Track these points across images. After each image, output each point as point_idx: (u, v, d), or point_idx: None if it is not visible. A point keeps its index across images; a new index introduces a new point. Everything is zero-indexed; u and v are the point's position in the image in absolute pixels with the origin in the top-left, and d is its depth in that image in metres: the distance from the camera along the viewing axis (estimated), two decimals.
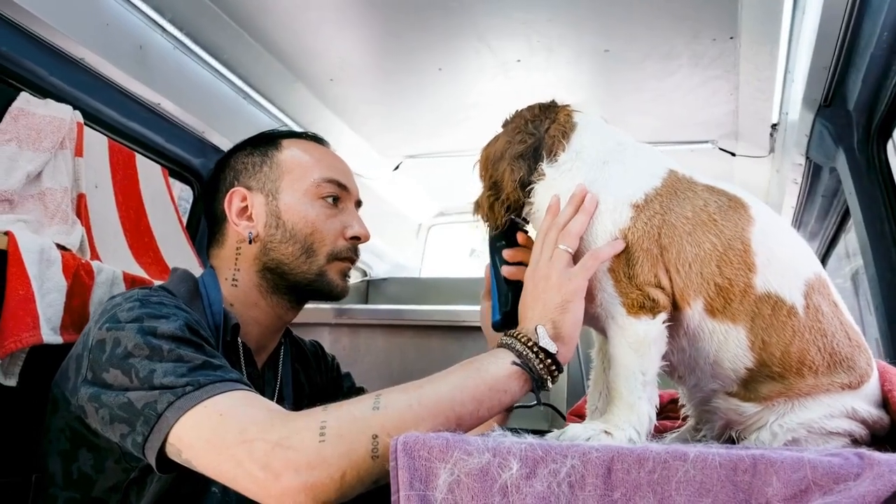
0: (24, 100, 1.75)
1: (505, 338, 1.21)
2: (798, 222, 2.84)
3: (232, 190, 1.54)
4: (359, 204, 1.65)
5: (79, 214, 1.80)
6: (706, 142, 2.94)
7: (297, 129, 2.85)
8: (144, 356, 1.15)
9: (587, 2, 2.10)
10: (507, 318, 1.37)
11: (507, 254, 1.38)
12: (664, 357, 1.19)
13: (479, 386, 1.12)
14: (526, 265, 1.32)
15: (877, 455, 0.83)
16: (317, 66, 2.54)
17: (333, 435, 1.03)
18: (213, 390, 1.11)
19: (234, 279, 1.51)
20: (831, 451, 0.88)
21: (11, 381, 1.46)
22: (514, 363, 1.16)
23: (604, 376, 1.31)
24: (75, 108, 1.87)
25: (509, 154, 1.32)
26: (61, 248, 1.61)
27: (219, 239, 1.57)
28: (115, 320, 1.21)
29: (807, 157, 2.34)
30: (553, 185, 1.29)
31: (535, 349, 1.17)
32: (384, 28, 2.30)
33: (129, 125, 2.16)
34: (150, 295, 1.29)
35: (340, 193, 1.57)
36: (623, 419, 1.13)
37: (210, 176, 1.65)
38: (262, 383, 1.54)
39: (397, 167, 3.37)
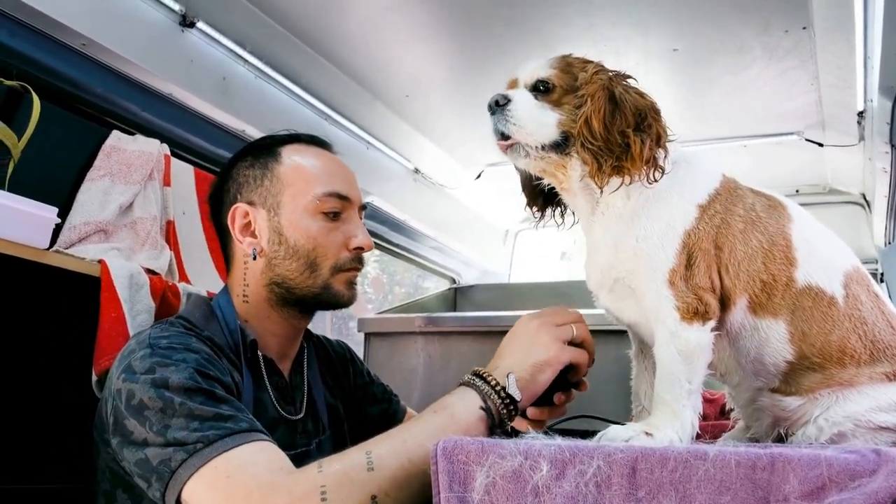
0: (116, 137, 1.91)
1: (473, 377, 1.31)
2: (893, 212, 2.71)
3: (234, 206, 1.54)
4: (363, 208, 1.64)
5: (168, 240, 1.96)
6: (791, 133, 2.85)
7: (379, 145, 2.96)
8: (158, 409, 1.21)
9: (650, 2, 2.10)
10: None
11: None
12: None
13: (456, 433, 1.20)
14: None
15: (893, 451, 0.82)
16: (392, 84, 2.64)
17: (335, 499, 1.12)
18: (223, 446, 1.18)
19: (244, 295, 1.54)
20: (849, 448, 0.88)
21: None
22: (482, 408, 1.27)
23: (645, 376, 1.32)
24: (163, 140, 2.03)
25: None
26: (150, 272, 1.75)
27: (228, 255, 1.60)
28: (130, 371, 1.27)
29: (891, 146, 2.25)
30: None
31: (503, 395, 1.28)
32: (451, 43, 2.37)
33: (214, 152, 2.29)
34: (160, 338, 1.34)
35: (342, 206, 1.56)
36: (667, 424, 1.14)
37: (214, 188, 1.65)
38: (291, 390, 1.58)
39: (479, 176, 3.42)
